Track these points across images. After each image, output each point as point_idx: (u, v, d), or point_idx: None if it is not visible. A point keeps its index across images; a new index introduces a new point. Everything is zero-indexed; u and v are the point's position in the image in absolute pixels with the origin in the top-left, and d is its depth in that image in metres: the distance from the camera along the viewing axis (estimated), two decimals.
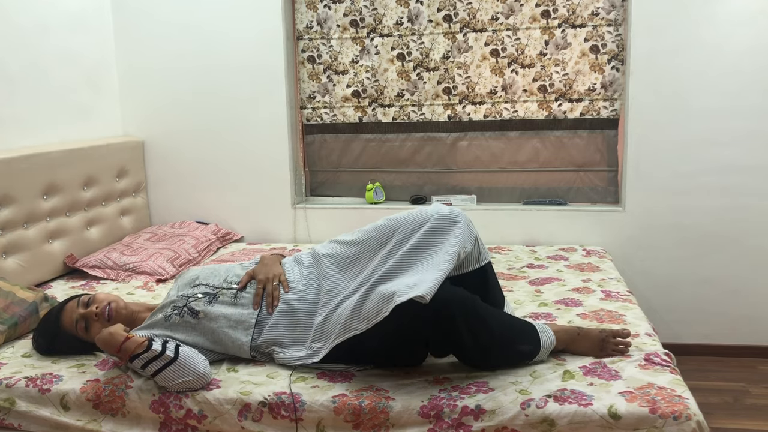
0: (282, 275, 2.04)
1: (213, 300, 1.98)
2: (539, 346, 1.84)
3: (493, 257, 3.08)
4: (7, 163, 2.64)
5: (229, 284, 2.04)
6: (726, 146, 3.09)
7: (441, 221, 1.89)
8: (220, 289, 2.02)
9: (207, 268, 2.15)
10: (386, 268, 1.85)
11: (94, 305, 2.00)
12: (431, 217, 1.90)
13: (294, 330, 1.94)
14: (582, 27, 3.21)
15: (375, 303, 1.73)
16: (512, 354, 1.84)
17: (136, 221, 3.51)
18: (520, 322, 1.91)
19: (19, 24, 2.88)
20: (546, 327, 1.90)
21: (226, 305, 1.97)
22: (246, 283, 2.03)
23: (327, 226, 3.51)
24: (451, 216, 1.90)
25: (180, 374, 1.77)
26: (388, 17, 3.37)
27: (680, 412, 1.57)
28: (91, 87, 3.36)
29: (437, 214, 1.91)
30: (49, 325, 2.06)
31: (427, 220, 1.90)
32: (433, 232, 1.88)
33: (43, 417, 1.85)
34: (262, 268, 2.07)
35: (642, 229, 3.23)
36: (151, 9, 3.47)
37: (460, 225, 1.89)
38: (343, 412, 1.71)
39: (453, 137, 3.45)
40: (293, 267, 2.08)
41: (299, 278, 2.03)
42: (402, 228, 1.93)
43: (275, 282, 2.01)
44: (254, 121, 3.49)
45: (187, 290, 2.03)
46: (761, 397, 2.83)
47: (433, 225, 1.89)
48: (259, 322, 1.96)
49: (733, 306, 3.22)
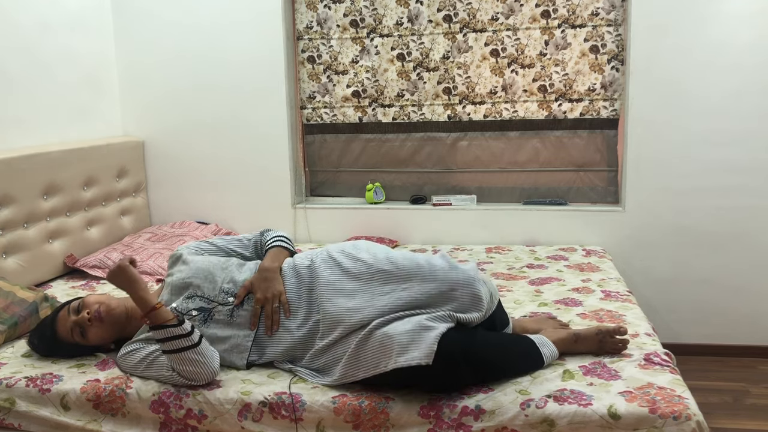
0: (283, 295, 1.91)
1: (208, 318, 1.90)
2: (543, 362, 1.83)
3: (492, 257, 3.09)
4: (7, 163, 2.64)
5: (225, 297, 1.93)
6: (726, 146, 3.09)
7: (467, 298, 1.79)
8: (216, 305, 1.92)
9: (200, 266, 2.00)
10: (392, 317, 1.76)
11: (85, 311, 1.94)
12: (456, 291, 1.79)
13: (294, 352, 1.89)
14: (582, 27, 3.21)
15: (374, 352, 1.71)
16: (518, 375, 1.81)
17: (136, 221, 3.51)
18: (522, 344, 1.86)
19: (20, 24, 2.88)
20: (545, 340, 1.88)
21: (221, 325, 1.90)
22: (243, 297, 1.92)
23: (327, 226, 3.51)
24: (479, 298, 1.80)
25: (195, 362, 1.76)
26: (388, 17, 3.37)
27: (680, 412, 1.57)
28: (91, 87, 3.36)
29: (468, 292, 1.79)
30: (45, 339, 2.01)
31: (452, 289, 1.79)
32: (451, 302, 1.79)
33: (43, 417, 1.85)
34: (261, 283, 1.93)
35: (642, 229, 3.23)
36: (151, 9, 3.47)
37: (484, 305, 1.81)
38: (343, 412, 1.71)
39: (453, 137, 3.45)
40: (293, 283, 1.95)
41: (298, 300, 1.91)
42: (420, 279, 1.82)
43: (275, 304, 1.90)
44: (254, 121, 3.49)
45: (182, 303, 1.93)
46: (761, 397, 2.83)
47: (456, 299, 1.79)
48: (257, 339, 1.90)
49: (733, 306, 3.22)
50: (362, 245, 2.01)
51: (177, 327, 1.76)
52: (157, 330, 1.77)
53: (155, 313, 1.77)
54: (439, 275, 1.82)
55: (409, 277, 1.84)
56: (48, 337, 2.00)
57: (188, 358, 1.76)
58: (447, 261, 1.87)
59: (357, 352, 1.75)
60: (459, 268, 1.84)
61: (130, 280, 1.81)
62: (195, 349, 1.77)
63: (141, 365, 1.86)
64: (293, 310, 1.91)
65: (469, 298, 1.79)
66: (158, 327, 1.76)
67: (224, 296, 1.94)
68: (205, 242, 2.19)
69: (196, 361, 1.77)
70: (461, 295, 1.78)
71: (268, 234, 2.19)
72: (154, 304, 1.78)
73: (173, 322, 1.76)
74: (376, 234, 3.44)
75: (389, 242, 3.35)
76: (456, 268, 1.84)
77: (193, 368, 1.77)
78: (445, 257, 1.89)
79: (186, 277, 1.98)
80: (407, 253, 1.95)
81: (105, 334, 1.97)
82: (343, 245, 2.03)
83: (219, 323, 1.91)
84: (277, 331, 1.90)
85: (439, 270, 1.83)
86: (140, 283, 1.81)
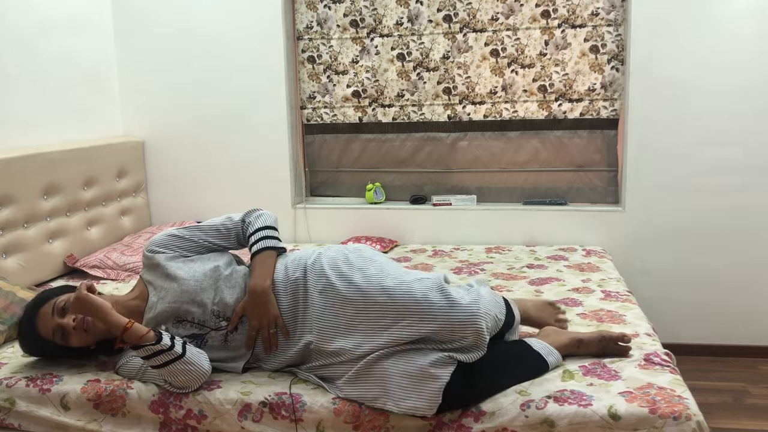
0: (279, 318, 1.83)
1: (201, 344, 1.85)
2: (548, 370, 1.82)
3: (492, 257, 3.09)
4: (7, 163, 2.64)
5: (218, 321, 1.84)
6: (726, 146, 3.09)
7: (468, 339, 1.68)
8: (208, 330, 1.85)
9: (184, 288, 1.86)
10: (391, 351, 1.70)
11: (71, 317, 1.81)
12: (456, 334, 1.67)
13: (291, 364, 1.88)
14: (582, 27, 3.21)
15: (372, 385, 1.69)
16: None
17: (136, 221, 3.51)
18: (528, 359, 1.82)
19: (20, 24, 2.88)
20: (551, 349, 1.85)
21: (215, 349, 1.85)
22: (236, 323, 1.84)
23: (327, 226, 3.51)
24: (481, 339, 1.69)
25: (184, 371, 1.75)
26: (388, 17, 3.37)
27: (680, 412, 1.57)
28: (91, 87, 3.36)
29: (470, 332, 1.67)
30: (29, 338, 1.89)
31: (451, 332, 1.67)
32: (452, 343, 1.69)
33: (44, 417, 1.85)
34: (255, 309, 1.82)
35: (642, 229, 3.23)
36: (151, 9, 3.47)
37: (485, 343, 1.70)
38: (343, 413, 1.71)
39: (453, 137, 3.45)
40: (288, 303, 1.85)
41: (293, 320, 1.84)
42: (418, 317, 1.69)
43: (272, 329, 1.83)
44: (254, 121, 3.49)
45: (172, 328, 1.85)
46: (761, 397, 2.83)
47: (456, 341, 1.69)
48: (254, 355, 1.88)
49: (732, 306, 3.22)
50: (354, 258, 1.87)
51: (156, 344, 1.71)
52: (138, 350, 1.72)
53: (128, 333, 1.70)
54: (437, 315, 1.67)
55: (406, 313, 1.70)
56: (30, 334, 1.88)
57: (176, 369, 1.74)
58: (445, 295, 1.70)
59: (355, 380, 1.72)
60: (457, 305, 1.68)
61: (94, 308, 1.73)
62: (181, 359, 1.74)
63: (141, 370, 1.85)
64: (291, 333, 1.85)
65: (471, 339, 1.68)
66: (138, 346, 1.71)
67: (216, 320, 1.85)
68: (177, 236, 1.97)
69: (185, 371, 1.75)
70: (461, 337, 1.67)
71: (250, 225, 1.97)
72: (125, 324, 1.71)
73: (150, 337, 1.71)
74: (376, 234, 3.45)
75: (389, 242, 3.35)
76: (454, 305, 1.68)
77: (184, 377, 1.76)
78: (442, 289, 1.72)
79: (172, 302, 1.85)
80: (400, 275, 1.79)
81: (87, 340, 1.87)
82: (335, 256, 1.90)
83: (213, 348, 1.86)
84: (268, 357, 1.87)
85: (437, 308, 1.68)
86: (104, 308, 1.73)
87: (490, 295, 1.84)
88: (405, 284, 1.74)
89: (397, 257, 3.15)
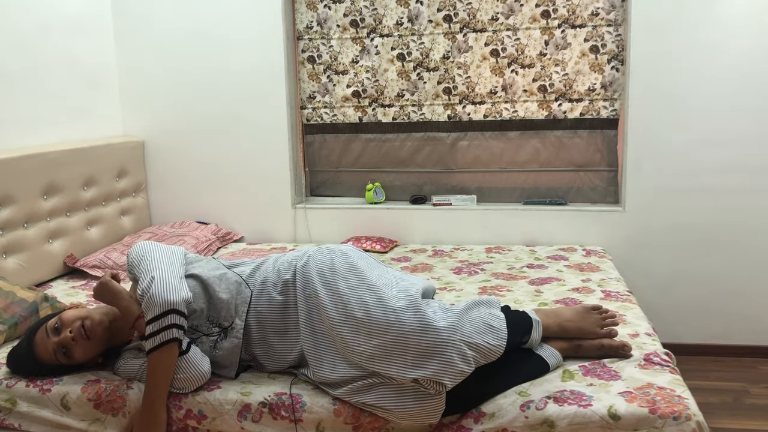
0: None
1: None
2: (549, 371, 1.82)
3: (492, 257, 3.09)
4: (7, 163, 2.64)
5: (211, 327, 1.85)
6: (726, 146, 3.09)
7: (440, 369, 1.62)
8: (200, 335, 1.85)
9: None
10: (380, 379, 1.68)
11: (67, 329, 1.82)
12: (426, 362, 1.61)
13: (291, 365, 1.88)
14: (582, 27, 3.21)
15: (370, 398, 1.68)
16: None
17: (136, 221, 3.51)
18: (529, 362, 1.81)
19: (20, 25, 2.88)
20: (553, 351, 1.85)
21: (205, 353, 1.84)
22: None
23: (327, 226, 3.51)
24: (454, 372, 1.62)
25: (185, 370, 1.75)
26: (388, 17, 3.37)
27: (680, 413, 1.57)
28: (91, 87, 3.36)
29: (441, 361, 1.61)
30: (33, 370, 1.89)
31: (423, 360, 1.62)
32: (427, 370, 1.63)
33: (44, 417, 1.85)
34: (143, 428, 1.74)
35: (642, 229, 3.23)
36: (151, 9, 3.47)
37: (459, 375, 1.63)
38: (342, 414, 1.71)
39: (453, 137, 3.45)
40: (278, 302, 1.86)
41: (284, 317, 1.85)
42: (390, 339, 1.64)
43: None
44: (254, 121, 3.49)
45: None
46: (761, 397, 2.83)
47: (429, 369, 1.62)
48: (246, 362, 1.90)
49: (732, 306, 3.22)
50: (339, 264, 1.83)
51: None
52: (146, 340, 1.69)
53: (141, 321, 1.75)
54: (409, 339, 1.63)
55: (379, 333, 1.65)
56: (29, 364, 1.88)
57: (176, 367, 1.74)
58: (419, 318, 1.64)
59: (355, 392, 1.71)
60: (432, 330, 1.62)
61: (114, 292, 1.82)
62: (182, 357, 1.74)
63: (140, 371, 1.86)
64: (282, 332, 1.84)
65: (442, 370, 1.61)
66: (146, 336, 1.69)
67: (209, 326, 1.86)
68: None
69: (185, 370, 1.75)
70: (432, 364, 1.61)
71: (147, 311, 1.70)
72: (138, 313, 1.77)
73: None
74: (376, 234, 3.45)
75: (389, 242, 3.35)
76: (428, 329, 1.62)
77: (182, 376, 1.75)
78: (418, 309, 1.66)
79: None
80: (379, 287, 1.75)
81: (91, 350, 1.87)
82: (323, 261, 1.86)
83: (203, 351, 1.85)
84: (267, 362, 1.87)
85: (410, 332, 1.63)
86: (123, 294, 1.82)
87: (479, 321, 1.71)
88: (382, 301, 1.70)
89: (397, 257, 3.15)
